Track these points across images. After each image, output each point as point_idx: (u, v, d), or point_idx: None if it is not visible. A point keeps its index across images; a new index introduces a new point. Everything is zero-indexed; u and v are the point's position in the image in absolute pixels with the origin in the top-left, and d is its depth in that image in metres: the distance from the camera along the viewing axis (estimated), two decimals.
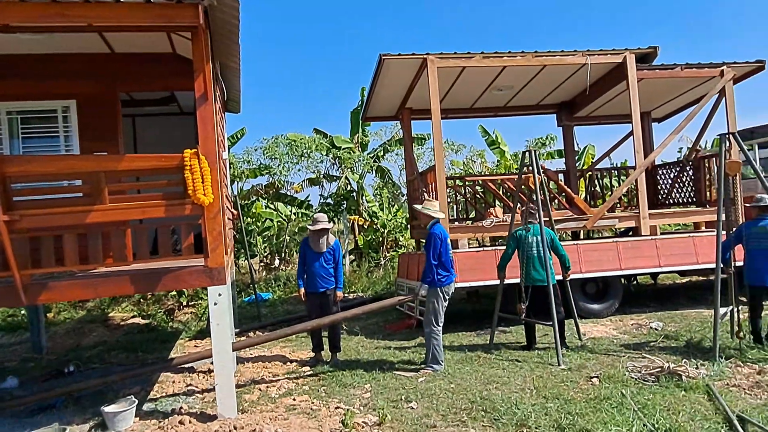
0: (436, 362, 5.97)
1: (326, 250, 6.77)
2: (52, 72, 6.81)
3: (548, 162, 17.13)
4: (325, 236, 6.76)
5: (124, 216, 4.70)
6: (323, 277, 6.77)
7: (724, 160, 5.99)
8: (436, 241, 5.99)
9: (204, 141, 4.76)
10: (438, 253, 5.97)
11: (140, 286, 4.83)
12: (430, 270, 5.99)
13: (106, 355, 7.93)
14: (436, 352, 5.99)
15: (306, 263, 6.85)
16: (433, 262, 5.96)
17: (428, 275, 6.02)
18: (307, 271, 6.83)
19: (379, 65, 8.33)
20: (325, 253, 6.77)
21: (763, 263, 5.89)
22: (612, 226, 9.49)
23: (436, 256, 5.97)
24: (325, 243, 6.77)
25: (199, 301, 11.48)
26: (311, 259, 6.78)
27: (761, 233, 5.96)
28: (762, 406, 4.33)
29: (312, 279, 6.78)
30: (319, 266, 6.75)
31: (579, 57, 8.73)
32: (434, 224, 6.15)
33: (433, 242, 5.99)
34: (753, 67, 9.45)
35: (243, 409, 5.00)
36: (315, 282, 6.76)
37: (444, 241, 6.05)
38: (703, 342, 6.34)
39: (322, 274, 6.76)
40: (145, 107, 9.14)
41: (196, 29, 4.65)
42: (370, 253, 15.57)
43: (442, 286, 6.01)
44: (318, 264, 6.75)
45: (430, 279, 6.01)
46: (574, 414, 4.29)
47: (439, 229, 6.11)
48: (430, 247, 5.99)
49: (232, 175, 15.20)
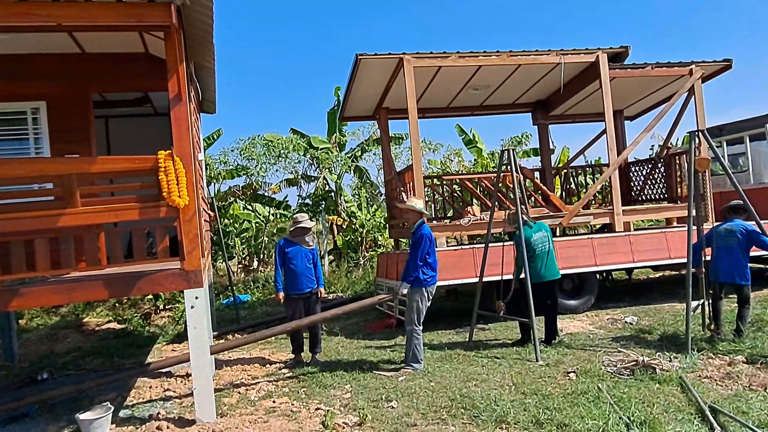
0: (416, 361, 5.98)
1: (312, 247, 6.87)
2: (20, 73, 6.64)
3: (524, 160, 17.33)
4: (311, 234, 6.87)
5: (96, 219, 4.61)
6: (308, 277, 6.76)
7: (693, 157, 6.16)
8: (425, 241, 5.99)
9: (179, 142, 4.70)
10: (426, 253, 5.98)
11: (115, 290, 4.74)
12: (415, 269, 5.96)
13: (80, 361, 7.78)
14: (417, 351, 6.01)
15: (288, 265, 6.78)
16: (419, 263, 5.95)
17: (412, 274, 5.98)
18: (291, 272, 6.75)
19: (355, 65, 8.32)
20: (307, 252, 6.80)
21: (721, 261, 6.25)
22: (587, 223, 9.64)
23: (423, 257, 5.96)
24: (312, 240, 6.87)
25: (176, 305, 11.33)
26: (296, 259, 6.73)
27: (725, 233, 6.31)
28: (733, 396, 4.44)
29: (297, 279, 6.71)
30: (304, 266, 6.74)
31: (553, 56, 8.85)
32: (422, 224, 6.14)
33: (423, 242, 5.98)
34: (720, 66, 9.70)
35: (222, 413, 4.95)
36: (301, 282, 6.71)
37: (432, 242, 6.07)
38: (676, 335, 6.47)
39: (307, 274, 6.75)
40: (118, 108, 8.98)
41: (169, 29, 4.58)
42: (349, 253, 15.56)
43: (427, 286, 6.02)
44: (303, 264, 6.74)
45: (414, 278, 5.98)
46: (551, 409, 4.35)
47: (428, 229, 6.12)
48: (419, 247, 5.96)
49: (209, 177, 15.02)
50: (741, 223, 6.33)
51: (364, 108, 10.92)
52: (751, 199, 10.02)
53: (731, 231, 6.26)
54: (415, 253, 5.98)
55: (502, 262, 7.02)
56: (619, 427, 3.83)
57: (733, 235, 6.23)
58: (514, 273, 6.85)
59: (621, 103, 11.47)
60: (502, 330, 7.68)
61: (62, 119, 6.82)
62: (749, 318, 6.28)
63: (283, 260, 6.80)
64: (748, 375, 4.90)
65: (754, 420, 3.89)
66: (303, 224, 6.75)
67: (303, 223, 6.76)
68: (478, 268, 7.38)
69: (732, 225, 6.32)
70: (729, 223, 6.38)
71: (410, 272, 6.00)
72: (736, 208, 6.47)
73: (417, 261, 5.96)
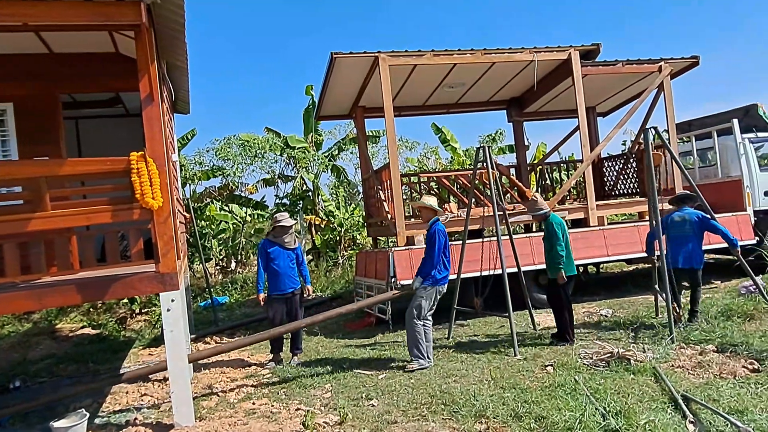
0: (421, 356, 5.87)
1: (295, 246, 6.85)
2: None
3: (500, 157, 17.49)
4: (293, 233, 6.84)
5: (67, 223, 4.52)
6: (291, 278, 6.74)
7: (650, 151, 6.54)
8: (441, 238, 5.91)
9: (151, 143, 4.63)
10: (441, 250, 5.91)
11: (88, 295, 4.65)
12: (432, 266, 5.90)
13: (54, 368, 7.62)
14: (420, 345, 5.88)
15: (271, 265, 6.72)
16: (437, 260, 5.89)
17: (426, 271, 5.93)
18: (273, 272, 6.71)
19: (330, 64, 8.30)
20: (291, 252, 6.76)
21: (679, 248, 6.61)
22: (563, 218, 9.77)
23: (439, 253, 5.90)
24: (294, 240, 6.83)
25: (152, 308, 11.16)
26: (279, 259, 6.69)
27: (679, 222, 6.71)
28: (704, 385, 4.56)
29: (280, 280, 6.68)
30: (287, 266, 6.72)
31: (526, 54, 8.95)
32: (435, 221, 6.09)
33: (438, 239, 5.90)
34: (688, 62, 9.93)
35: (201, 417, 4.90)
36: (283, 282, 6.68)
37: (446, 238, 6.00)
38: (649, 326, 6.60)
39: (290, 275, 6.73)
40: (88, 109, 8.79)
41: (139, 28, 4.50)
42: (327, 252, 15.51)
43: (438, 284, 5.95)
44: (286, 264, 6.71)
45: (426, 275, 5.93)
46: (530, 402, 4.41)
47: (441, 225, 6.05)
48: (434, 244, 5.90)
49: (184, 178, 14.82)
50: (692, 211, 6.75)
51: (341, 107, 10.90)
52: (719, 192, 10.36)
53: (684, 219, 6.66)
54: (431, 251, 5.90)
55: (480, 258, 7.08)
56: (595, 418, 3.90)
57: (686, 223, 6.64)
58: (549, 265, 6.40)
59: (593, 100, 11.66)
60: (480, 326, 7.75)
61: (30, 121, 6.66)
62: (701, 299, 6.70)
63: (265, 261, 6.75)
64: (718, 363, 5.04)
65: (724, 407, 4.00)
66: (282, 223, 6.72)
67: (282, 222, 6.72)
68: (455, 264, 7.43)
69: (684, 213, 6.72)
70: (680, 212, 6.77)
71: (427, 269, 5.94)
72: (685, 198, 6.89)
73: (434, 258, 5.89)
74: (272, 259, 6.70)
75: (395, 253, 7.94)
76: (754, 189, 9.83)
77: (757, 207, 9.81)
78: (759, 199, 9.84)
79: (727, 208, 9.78)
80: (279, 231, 6.75)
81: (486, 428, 4.07)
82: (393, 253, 7.93)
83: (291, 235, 6.86)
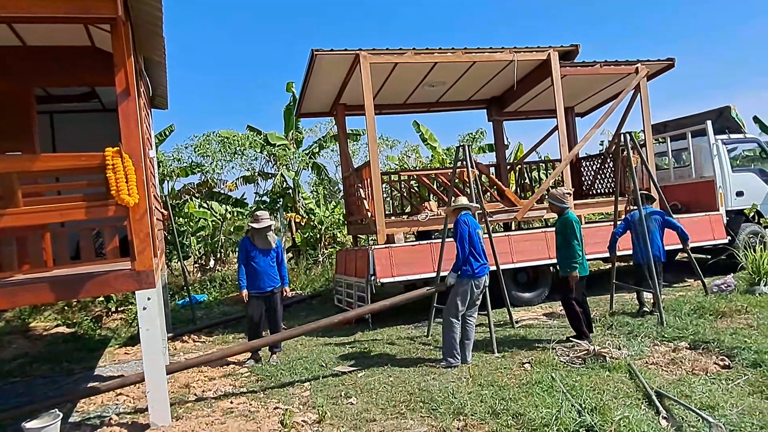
0: (451, 355, 5.72)
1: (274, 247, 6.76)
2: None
3: (480, 156, 17.60)
4: (271, 233, 6.75)
5: (40, 219, 4.42)
6: (271, 276, 6.70)
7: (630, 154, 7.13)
8: (462, 227, 5.77)
9: (127, 139, 4.55)
10: (467, 239, 5.71)
11: (62, 293, 4.55)
12: (462, 260, 5.74)
13: (27, 367, 7.45)
14: (454, 345, 5.73)
15: (251, 263, 6.67)
16: (465, 252, 5.70)
17: (457, 265, 5.79)
18: (253, 270, 6.67)
19: (311, 61, 8.26)
20: (271, 250, 6.71)
21: (642, 243, 7.02)
22: (541, 217, 9.89)
23: (465, 243, 5.70)
24: (273, 240, 6.75)
25: (129, 307, 10.98)
26: (259, 258, 6.65)
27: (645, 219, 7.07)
28: (677, 381, 4.66)
29: (259, 278, 6.65)
30: (267, 265, 6.67)
31: (506, 54, 9.02)
32: (464, 214, 5.97)
33: (460, 228, 5.77)
34: (664, 64, 10.11)
35: (177, 416, 4.84)
36: (263, 281, 6.64)
37: (472, 227, 5.80)
38: (624, 324, 6.72)
39: (270, 273, 6.69)
40: (63, 103, 8.61)
41: (116, 21, 4.42)
42: (307, 250, 15.44)
43: (474, 277, 5.75)
44: (266, 263, 6.67)
45: (458, 268, 5.79)
46: (507, 399, 4.45)
47: (465, 216, 5.91)
48: (457, 234, 5.79)
49: (162, 174, 14.61)
50: (653, 209, 7.45)
51: (321, 104, 10.85)
52: (693, 192, 10.58)
53: (648, 216, 7.18)
54: (460, 243, 5.74)
55: None
56: (571, 415, 3.95)
57: (650, 220, 7.20)
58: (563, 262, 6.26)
59: (572, 100, 11.81)
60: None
61: (2, 115, 6.48)
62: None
63: (245, 258, 6.71)
64: (690, 360, 5.15)
65: (696, 403, 4.09)
66: (255, 225, 6.63)
67: (255, 225, 6.64)
68: (435, 263, 7.47)
69: (646, 211, 7.16)
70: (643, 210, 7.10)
71: (457, 262, 5.80)
72: (645, 197, 7.42)
73: (463, 250, 5.70)
74: (252, 257, 6.65)
75: (375, 252, 7.94)
76: (726, 189, 10.06)
77: (729, 207, 10.04)
78: (731, 199, 10.08)
79: (700, 207, 10.00)
80: (255, 232, 6.69)
81: (464, 425, 4.10)
82: (373, 251, 7.93)
83: (266, 237, 6.72)
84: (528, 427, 3.89)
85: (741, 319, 6.36)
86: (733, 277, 8.12)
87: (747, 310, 6.58)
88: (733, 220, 9.99)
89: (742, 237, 9.83)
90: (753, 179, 10.40)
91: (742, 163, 12.14)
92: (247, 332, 7.04)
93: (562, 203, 6.31)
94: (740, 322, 6.21)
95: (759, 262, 7.75)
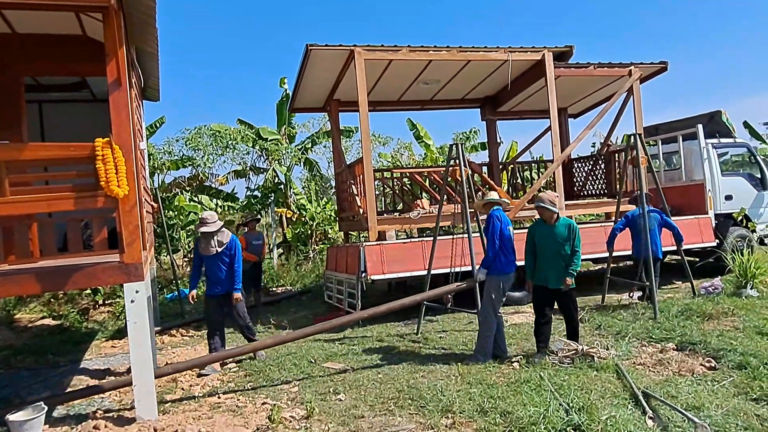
0: (484, 354, 5.66)
1: (221, 251, 6.25)
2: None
3: (473, 155, 17.62)
4: (214, 238, 6.23)
5: (27, 209, 4.38)
6: (216, 282, 6.33)
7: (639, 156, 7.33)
8: (495, 222, 5.69)
9: (118, 129, 4.51)
10: (498, 235, 5.65)
11: (48, 284, 4.50)
12: (492, 254, 5.69)
13: (12, 359, 7.36)
14: (486, 343, 5.67)
15: (202, 265, 6.41)
16: (495, 248, 5.65)
17: (487, 261, 5.73)
18: (205, 272, 6.41)
19: (305, 56, 8.21)
20: (221, 254, 6.26)
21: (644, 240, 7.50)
22: (532, 217, 9.90)
23: (497, 239, 5.63)
24: (215, 245, 6.22)
25: (116, 300, 10.88)
26: (206, 261, 6.31)
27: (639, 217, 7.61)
28: (664, 381, 4.69)
29: (208, 282, 6.38)
30: (215, 268, 6.28)
31: (501, 53, 9.02)
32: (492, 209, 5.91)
33: (493, 223, 5.69)
34: (657, 67, 10.17)
35: (164, 410, 4.81)
36: (210, 286, 6.37)
37: (504, 224, 5.76)
38: (613, 324, 6.75)
39: (220, 277, 6.30)
40: (53, 93, 8.51)
41: (107, 10, 4.37)
42: (298, 246, 15.40)
43: (503, 273, 5.71)
44: (212, 266, 6.29)
45: (488, 265, 5.72)
46: (495, 397, 4.46)
47: (497, 211, 5.84)
48: (489, 229, 5.73)
49: (152, 167, 14.49)
50: (651, 209, 7.79)
51: (315, 99, 10.80)
52: (683, 195, 10.65)
53: (648, 215, 7.46)
54: (492, 238, 5.68)
55: (451, 254, 7.11)
56: (558, 413, 3.97)
57: (650, 219, 7.52)
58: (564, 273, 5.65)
59: (565, 101, 11.84)
60: (449, 322, 7.81)
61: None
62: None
63: (198, 260, 6.49)
64: (677, 361, 5.19)
65: (682, 403, 4.11)
66: (201, 229, 6.19)
67: (202, 228, 6.18)
68: (426, 260, 7.46)
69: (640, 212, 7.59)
70: (637, 211, 7.70)
71: (487, 258, 5.74)
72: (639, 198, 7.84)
73: (493, 246, 5.65)
74: (204, 260, 6.34)
75: (366, 248, 7.92)
76: (715, 193, 10.14)
77: (718, 210, 10.13)
78: (720, 202, 10.17)
79: (689, 210, 10.08)
80: (201, 239, 6.28)
81: (452, 423, 4.10)
82: (364, 248, 7.91)
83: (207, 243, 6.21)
84: (516, 426, 3.90)
85: (727, 321, 6.41)
86: (720, 280, 8.20)
87: (733, 313, 6.64)
88: (721, 223, 10.08)
89: (730, 240, 9.91)
90: (742, 183, 10.50)
91: (732, 168, 12.28)
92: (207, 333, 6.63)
93: (554, 207, 5.67)
94: (727, 325, 6.27)
95: (746, 266, 7.81)
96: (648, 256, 7.29)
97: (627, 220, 7.88)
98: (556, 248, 5.60)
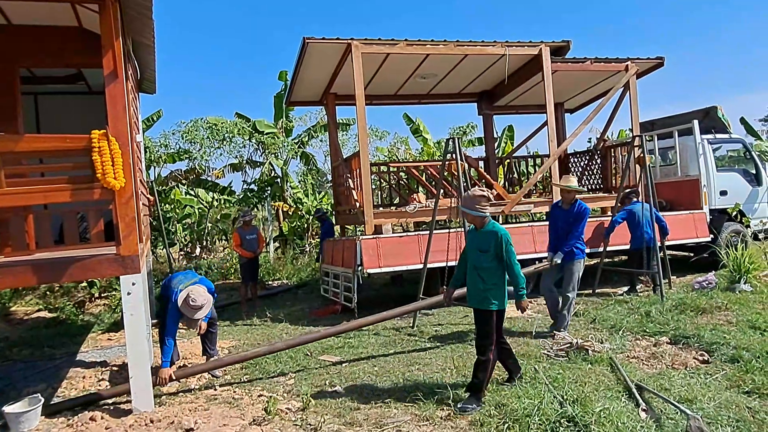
0: (565, 328, 6.34)
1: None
2: None
3: (469, 150, 17.64)
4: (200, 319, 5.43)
5: (23, 201, 4.36)
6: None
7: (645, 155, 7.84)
8: (587, 217, 6.47)
9: (114, 122, 4.50)
10: (584, 227, 6.45)
11: (44, 276, 4.50)
12: (576, 241, 6.36)
13: (7, 351, 7.37)
14: (568, 316, 6.39)
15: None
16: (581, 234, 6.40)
17: (571, 247, 6.36)
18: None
19: (302, 49, 8.19)
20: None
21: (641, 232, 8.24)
22: (528, 212, 9.94)
23: (583, 230, 6.43)
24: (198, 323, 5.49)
25: (112, 292, 10.88)
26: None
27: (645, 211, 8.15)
28: (657, 375, 4.73)
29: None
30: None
31: (498, 48, 9.01)
32: (578, 200, 6.53)
33: (585, 211, 6.43)
34: (654, 63, 10.18)
35: (160, 402, 4.82)
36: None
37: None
38: (607, 318, 6.79)
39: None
40: (48, 85, 8.46)
41: (104, 1, 4.36)
42: (294, 239, 15.43)
43: (583, 256, 6.46)
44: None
45: (570, 249, 6.36)
46: (490, 390, 4.48)
47: (586, 205, 6.51)
48: (579, 222, 6.38)
49: (149, 160, 14.46)
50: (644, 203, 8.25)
51: (312, 93, 10.78)
52: (678, 190, 10.70)
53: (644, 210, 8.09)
54: (580, 226, 6.38)
55: (447, 248, 7.14)
56: (553, 406, 4.00)
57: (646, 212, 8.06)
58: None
59: (562, 96, 11.84)
60: (445, 315, 7.84)
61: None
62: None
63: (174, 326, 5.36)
64: (671, 355, 5.24)
65: (675, 396, 4.15)
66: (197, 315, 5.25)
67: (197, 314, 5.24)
68: (422, 254, 7.49)
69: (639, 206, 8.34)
70: (636, 204, 8.48)
71: (573, 244, 6.37)
72: (631, 194, 8.76)
73: (581, 233, 6.40)
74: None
75: (362, 242, 7.94)
76: (710, 188, 10.19)
77: (713, 206, 10.18)
78: (715, 198, 10.21)
79: (684, 205, 10.12)
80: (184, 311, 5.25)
81: (447, 415, 4.13)
82: (360, 242, 7.93)
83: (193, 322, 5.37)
84: (510, 417, 3.93)
85: (721, 315, 6.46)
86: (714, 275, 8.25)
87: (727, 307, 6.69)
88: (716, 218, 10.12)
89: (725, 235, 9.97)
90: (737, 179, 10.55)
91: (727, 163, 12.31)
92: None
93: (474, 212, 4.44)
94: (720, 319, 6.32)
95: (740, 261, 7.87)
96: (652, 245, 7.87)
97: (627, 212, 8.49)
98: (473, 260, 4.54)
